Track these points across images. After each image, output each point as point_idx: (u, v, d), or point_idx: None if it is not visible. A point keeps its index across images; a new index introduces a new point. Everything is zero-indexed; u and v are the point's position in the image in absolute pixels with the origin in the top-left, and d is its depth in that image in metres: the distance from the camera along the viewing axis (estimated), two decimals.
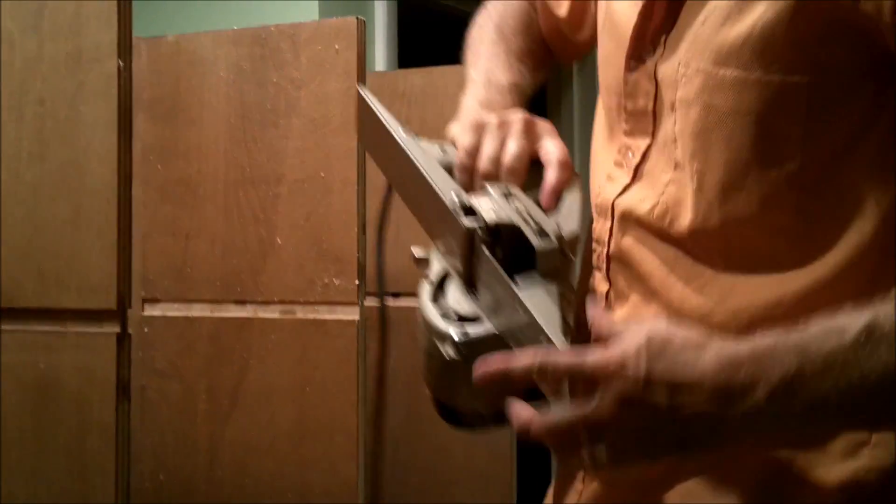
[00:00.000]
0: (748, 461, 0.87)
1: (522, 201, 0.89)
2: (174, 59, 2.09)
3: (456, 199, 0.88)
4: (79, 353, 1.55)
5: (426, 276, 0.93)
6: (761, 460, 0.86)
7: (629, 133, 0.93)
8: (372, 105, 0.99)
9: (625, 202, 0.93)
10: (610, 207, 0.94)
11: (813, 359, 0.73)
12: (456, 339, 0.85)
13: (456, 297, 0.90)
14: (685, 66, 0.85)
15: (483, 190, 0.91)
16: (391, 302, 2.43)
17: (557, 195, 0.93)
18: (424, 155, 0.94)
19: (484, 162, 0.93)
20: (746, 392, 0.73)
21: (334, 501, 1.94)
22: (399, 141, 0.95)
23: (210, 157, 2.05)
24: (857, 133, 0.81)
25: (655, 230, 0.90)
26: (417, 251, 0.96)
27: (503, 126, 0.95)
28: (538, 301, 0.81)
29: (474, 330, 0.86)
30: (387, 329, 2.43)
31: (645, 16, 0.90)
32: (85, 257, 1.52)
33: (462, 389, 0.88)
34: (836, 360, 0.72)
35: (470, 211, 0.88)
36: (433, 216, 0.93)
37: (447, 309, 0.89)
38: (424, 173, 0.92)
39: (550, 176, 0.93)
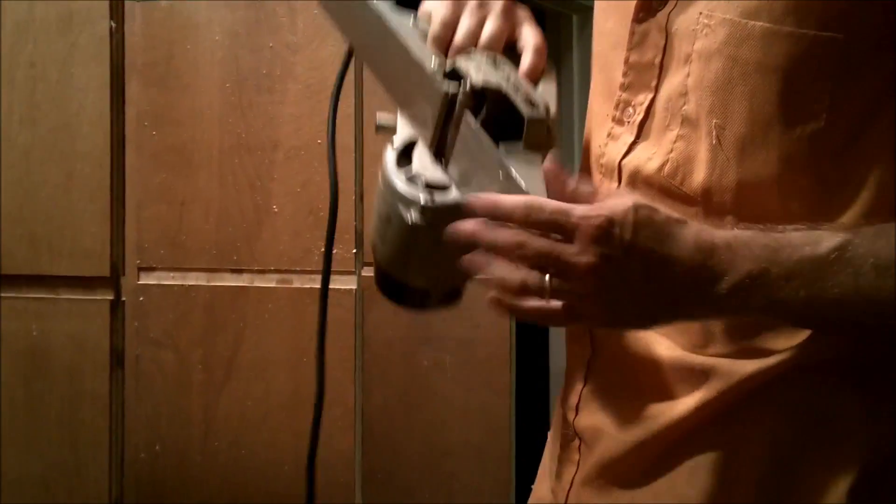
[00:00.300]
0: (754, 450, 0.86)
1: (509, 70, 0.87)
2: (168, 24, 2.04)
3: (435, 62, 0.86)
4: (71, 321, 1.52)
5: (390, 143, 0.91)
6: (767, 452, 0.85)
7: (628, 87, 0.90)
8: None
9: (632, 162, 0.90)
10: (617, 168, 0.91)
11: (782, 262, 0.75)
12: (423, 202, 0.83)
13: (423, 164, 0.87)
14: (707, 16, 0.82)
15: (469, 55, 0.88)
16: None
17: (534, 80, 0.91)
18: (399, 20, 0.92)
19: (461, 35, 0.91)
20: (715, 279, 0.75)
21: (330, 473, 1.92)
22: (371, 5, 0.91)
23: (205, 123, 2.02)
24: (881, 97, 0.79)
25: (665, 189, 0.87)
26: (382, 117, 0.94)
27: (483, 5, 0.93)
28: (525, 171, 0.79)
29: (442, 196, 0.84)
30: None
31: None
32: (77, 223, 1.49)
33: (416, 261, 0.87)
34: (803, 269, 0.75)
35: (451, 75, 0.86)
36: (404, 81, 0.90)
37: (413, 175, 0.86)
38: (398, 34, 0.89)
39: (527, 60, 0.91)
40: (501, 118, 0.84)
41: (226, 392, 2.00)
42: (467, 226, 0.78)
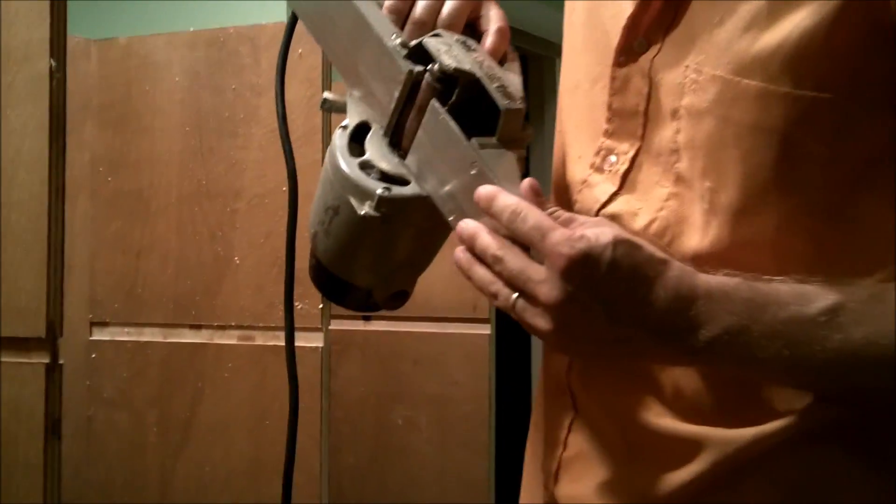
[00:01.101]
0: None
1: (483, 55, 0.79)
2: (125, 63, 1.94)
3: (396, 38, 0.77)
4: (5, 386, 1.39)
5: (340, 125, 0.82)
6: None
7: (611, 134, 0.85)
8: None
9: (614, 215, 0.83)
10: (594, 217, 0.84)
11: (765, 320, 0.70)
12: (380, 193, 0.75)
13: (378, 151, 0.79)
14: (696, 71, 0.77)
15: (439, 35, 0.80)
16: (361, 325, 2.28)
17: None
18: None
19: (419, 8, 0.83)
20: (691, 329, 0.70)
21: None
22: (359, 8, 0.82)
23: (163, 168, 1.91)
24: (879, 156, 0.75)
25: None
26: (329, 94, 0.86)
27: None
28: (499, 167, 0.73)
29: (400, 189, 0.76)
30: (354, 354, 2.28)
31: (642, 6, 0.81)
32: (12, 279, 1.36)
33: (364, 258, 0.81)
34: (788, 329, 0.70)
35: (414, 55, 0.77)
36: (358, 55, 0.81)
37: (366, 162, 0.78)
38: (356, 5, 0.80)
39: (488, 42, 0.83)
40: (466, 108, 0.76)
41: (183, 455, 1.88)
42: (470, 226, 0.74)
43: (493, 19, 0.86)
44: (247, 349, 1.85)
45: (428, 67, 0.76)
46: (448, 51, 0.77)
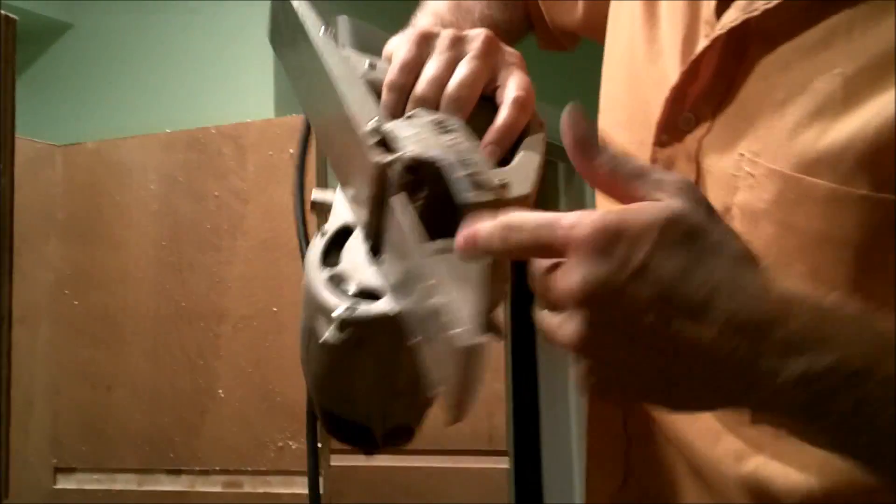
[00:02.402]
0: None
1: (460, 138, 0.66)
2: (94, 170, 1.72)
3: (372, 125, 0.66)
4: None
5: (318, 229, 0.71)
6: None
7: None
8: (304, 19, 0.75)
9: None
10: None
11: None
12: (338, 314, 0.62)
13: (355, 259, 0.67)
14: (751, 162, 0.65)
15: (410, 116, 0.69)
16: (363, 461, 2.01)
17: (507, 142, 0.69)
18: (344, 64, 0.71)
19: (422, 83, 0.71)
20: (787, 353, 0.51)
21: None
22: (312, 42, 0.71)
23: (136, 287, 1.68)
24: None
25: None
26: (317, 193, 0.74)
27: (458, 43, 0.72)
28: (459, 274, 0.57)
29: (367, 307, 0.62)
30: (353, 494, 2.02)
31: (688, 75, 0.69)
32: None
33: (343, 389, 0.69)
34: None
35: (387, 141, 0.66)
36: (343, 147, 0.70)
37: (341, 273, 0.66)
38: (336, 84, 0.69)
39: (502, 116, 0.70)
40: (449, 201, 0.65)
41: None
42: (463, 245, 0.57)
43: (513, 88, 0.71)
44: (234, 498, 1.60)
45: (395, 156, 0.64)
46: (416, 135, 0.66)
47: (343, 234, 0.69)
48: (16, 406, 1.64)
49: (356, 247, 0.68)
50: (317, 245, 0.69)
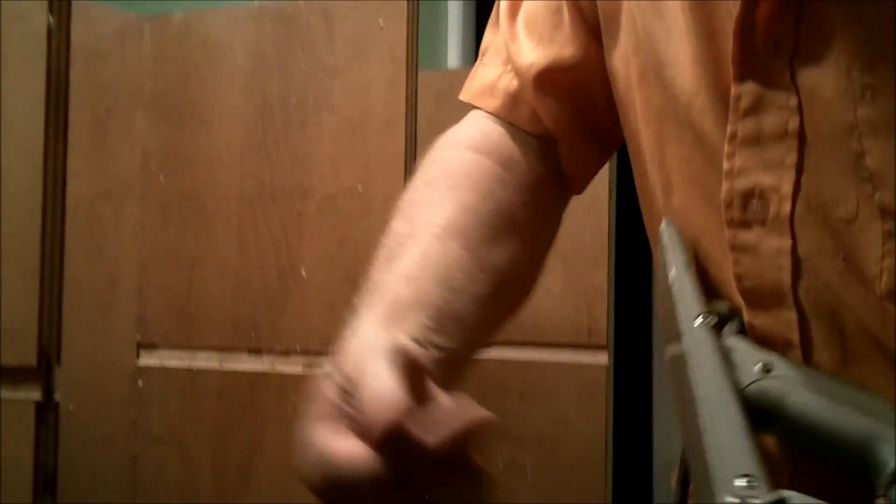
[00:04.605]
0: None
1: None
2: (182, 43, 1.67)
3: (731, 501, 0.47)
4: None
5: None
6: None
7: (739, 173, 0.62)
8: (668, 251, 0.66)
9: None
10: (791, 295, 0.61)
11: None
12: None
13: None
14: (865, 72, 0.56)
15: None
16: None
17: None
18: (713, 371, 0.56)
19: None
20: None
21: None
22: (682, 329, 0.59)
23: (222, 165, 1.63)
24: None
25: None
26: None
27: None
28: None
29: None
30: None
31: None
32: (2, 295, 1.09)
33: None
34: None
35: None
36: (701, 487, 0.52)
37: None
38: (697, 402, 0.54)
39: None
40: None
41: (241, 502, 1.59)
42: None
43: None
44: (314, 379, 1.55)
45: None
46: None
47: None
48: (100, 283, 1.63)
49: None
50: None
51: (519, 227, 0.77)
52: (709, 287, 0.64)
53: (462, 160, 0.79)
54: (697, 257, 0.67)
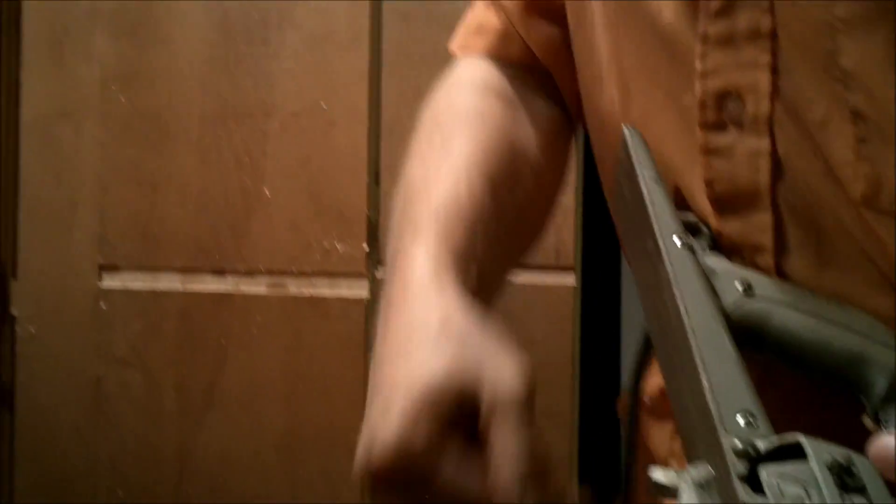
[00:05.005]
0: None
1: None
2: None
3: (738, 446, 0.46)
4: None
5: None
6: None
7: (710, 73, 0.60)
8: (636, 162, 0.62)
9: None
10: (769, 197, 0.59)
11: None
12: None
13: None
14: None
15: (800, 459, 0.46)
16: None
17: None
18: (699, 297, 0.55)
19: None
20: None
21: None
22: (662, 250, 0.57)
23: (184, 84, 1.60)
24: None
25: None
26: (658, 474, 0.54)
27: None
28: None
29: None
30: None
31: None
32: None
33: None
34: None
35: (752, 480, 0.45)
36: (693, 419, 0.52)
37: None
38: (689, 333, 0.52)
39: None
40: None
41: (205, 425, 1.59)
42: None
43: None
44: (278, 301, 1.54)
45: None
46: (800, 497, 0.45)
47: None
48: (59, 203, 1.61)
49: None
50: None
51: (535, 164, 0.77)
52: (671, 196, 0.63)
53: (472, 102, 0.78)
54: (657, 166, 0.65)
